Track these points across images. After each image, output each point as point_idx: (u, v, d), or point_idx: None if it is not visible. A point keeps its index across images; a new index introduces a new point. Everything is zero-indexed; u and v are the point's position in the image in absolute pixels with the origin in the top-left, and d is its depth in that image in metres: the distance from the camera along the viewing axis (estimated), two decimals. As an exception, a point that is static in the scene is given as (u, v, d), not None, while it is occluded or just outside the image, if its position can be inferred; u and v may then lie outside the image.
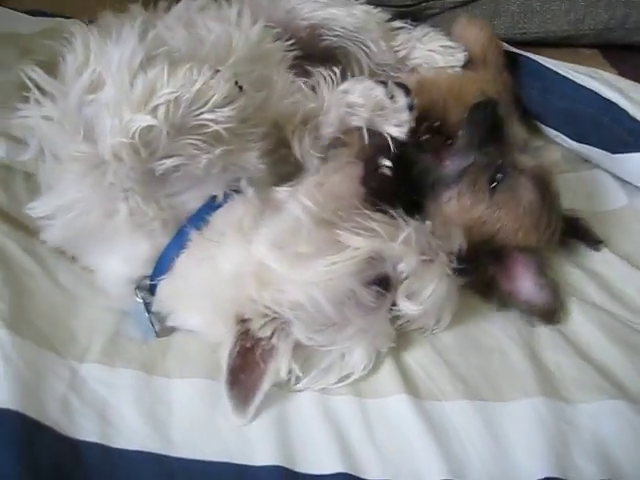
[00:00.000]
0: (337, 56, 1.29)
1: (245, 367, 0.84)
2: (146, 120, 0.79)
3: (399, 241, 0.87)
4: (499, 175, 1.02)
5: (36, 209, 0.90)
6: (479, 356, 0.98)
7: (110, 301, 0.97)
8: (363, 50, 1.28)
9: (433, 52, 1.31)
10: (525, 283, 1.03)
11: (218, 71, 0.84)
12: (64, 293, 0.97)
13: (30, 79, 0.91)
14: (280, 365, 0.85)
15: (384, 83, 1.00)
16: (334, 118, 0.99)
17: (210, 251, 0.89)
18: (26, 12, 1.76)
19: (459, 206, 1.03)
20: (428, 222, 0.93)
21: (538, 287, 1.02)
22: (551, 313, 1.02)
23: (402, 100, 0.98)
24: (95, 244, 0.93)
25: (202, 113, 0.82)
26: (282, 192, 0.94)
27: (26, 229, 1.03)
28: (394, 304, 0.90)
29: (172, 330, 0.96)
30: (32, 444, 0.77)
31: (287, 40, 1.17)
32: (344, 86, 1.00)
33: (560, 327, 1.04)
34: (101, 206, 0.88)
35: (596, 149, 1.43)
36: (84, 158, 0.85)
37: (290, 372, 0.86)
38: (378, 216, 0.89)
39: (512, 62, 1.54)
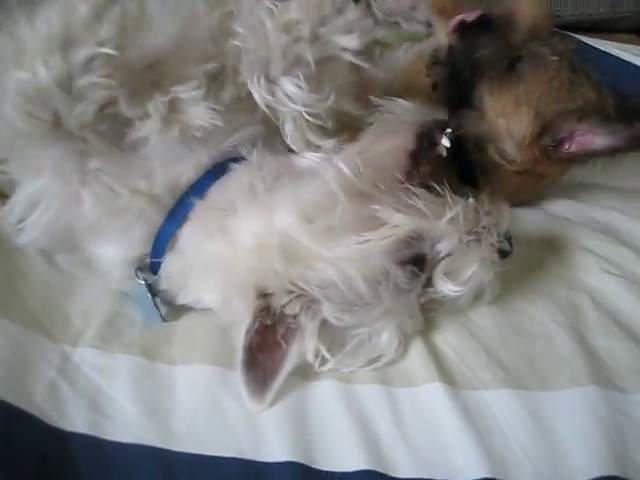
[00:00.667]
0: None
1: (264, 347, 0.76)
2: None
3: (444, 221, 0.79)
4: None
5: (6, 217, 0.84)
6: (521, 342, 0.87)
7: (110, 282, 0.89)
8: None
9: None
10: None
11: None
12: (60, 273, 0.90)
13: None
14: (306, 346, 0.76)
15: None
16: (277, 51, 0.82)
17: (221, 222, 0.81)
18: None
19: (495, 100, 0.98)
20: (471, 200, 0.83)
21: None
22: None
23: None
24: (79, 235, 0.86)
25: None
26: (310, 157, 0.85)
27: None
28: (428, 284, 0.81)
29: (179, 313, 0.88)
30: (13, 434, 0.69)
31: None
32: (279, 7, 0.84)
33: (611, 311, 0.93)
34: (61, 195, 0.81)
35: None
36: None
37: (317, 354, 0.77)
38: (423, 192, 0.81)
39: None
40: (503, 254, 0.85)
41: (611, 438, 0.75)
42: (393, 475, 0.72)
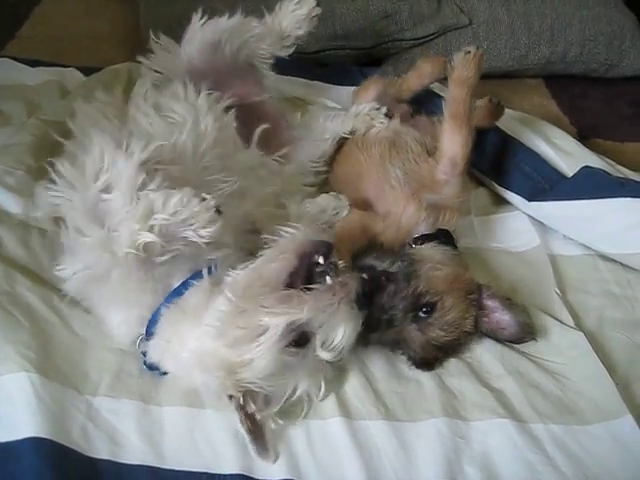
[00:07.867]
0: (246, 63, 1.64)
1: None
2: (149, 237, 1.07)
3: (305, 311, 1.06)
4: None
5: (64, 270, 1.17)
6: (399, 384, 1.25)
7: (113, 342, 1.23)
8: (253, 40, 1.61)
9: (294, 11, 1.63)
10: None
11: (204, 199, 1.10)
12: (77, 338, 1.22)
13: (55, 170, 1.21)
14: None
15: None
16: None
17: (179, 327, 1.14)
18: (25, 62, 1.98)
19: None
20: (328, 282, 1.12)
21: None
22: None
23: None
24: (101, 297, 1.19)
25: (187, 231, 1.09)
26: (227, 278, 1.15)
27: (44, 283, 1.29)
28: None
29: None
30: (61, 464, 1.04)
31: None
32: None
33: (467, 358, 1.32)
34: (96, 268, 1.14)
35: (516, 195, 1.68)
36: (95, 240, 1.12)
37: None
38: (288, 293, 1.10)
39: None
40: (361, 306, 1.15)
41: (449, 455, 1.15)
42: (305, 481, 1.11)
